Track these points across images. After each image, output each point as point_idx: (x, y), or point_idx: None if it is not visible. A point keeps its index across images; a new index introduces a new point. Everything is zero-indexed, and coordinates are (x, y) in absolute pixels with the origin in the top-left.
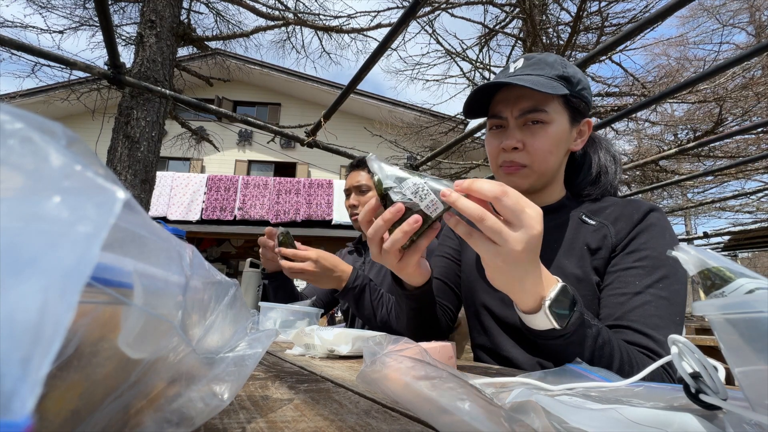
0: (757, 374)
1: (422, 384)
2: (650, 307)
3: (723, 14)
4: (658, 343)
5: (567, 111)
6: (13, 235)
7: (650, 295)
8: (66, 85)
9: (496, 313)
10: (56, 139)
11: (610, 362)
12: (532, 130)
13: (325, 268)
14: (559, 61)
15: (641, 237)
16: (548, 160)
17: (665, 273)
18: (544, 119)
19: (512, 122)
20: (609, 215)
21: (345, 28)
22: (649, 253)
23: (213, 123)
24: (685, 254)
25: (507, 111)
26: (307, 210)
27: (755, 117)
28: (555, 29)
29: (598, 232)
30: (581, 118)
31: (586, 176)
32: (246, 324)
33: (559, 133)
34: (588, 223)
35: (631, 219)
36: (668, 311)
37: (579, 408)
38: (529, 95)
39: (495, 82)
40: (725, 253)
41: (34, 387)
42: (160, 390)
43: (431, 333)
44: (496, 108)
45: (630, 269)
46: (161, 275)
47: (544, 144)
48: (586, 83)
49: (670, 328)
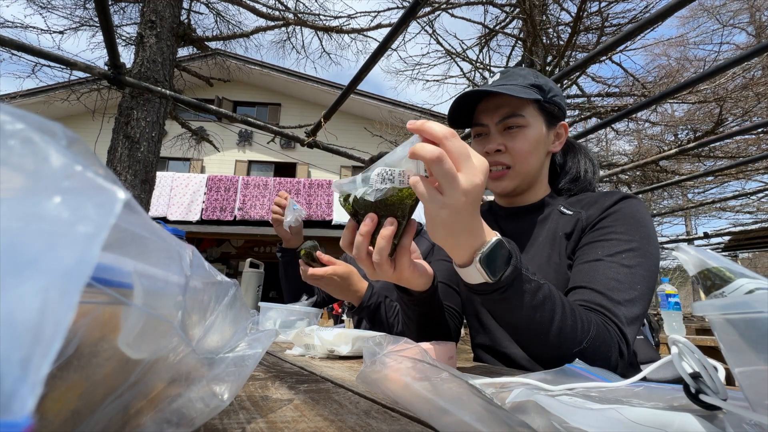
0: (757, 374)
1: (422, 384)
2: (609, 272)
3: (723, 14)
4: (612, 302)
5: (542, 115)
6: (14, 236)
7: (611, 262)
8: (66, 86)
9: None
10: (56, 140)
11: (552, 317)
12: (511, 134)
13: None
14: (531, 72)
15: (609, 218)
16: (529, 160)
17: (630, 247)
18: (522, 123)
19: (493, 129)
20: (585, 204)
21: (345, 29)
22: (615, 229)
23: (213, 123)
24: (685, 254)
25: (488, 119)
26: (307, 210)
27: (755, 117)
28: (555, 29)
29: (573, 218)
30: (557, 121)
31: (567, 176)
32: (246, 324)
33: (537, 136)
34: (566, 214)
35: (603, 205)
36: (628, 278)
37: (579, 408)
38: (506, 103)
39: (473, 90)
40: (725, 254)
41: (34, 387)
42: (160, 390)
43: (442, 338)
44: (478, 117)
45: (594, 242)
46: (161, 275)
47: (523, 146)
48: (558, 91)
49: (628, 293)
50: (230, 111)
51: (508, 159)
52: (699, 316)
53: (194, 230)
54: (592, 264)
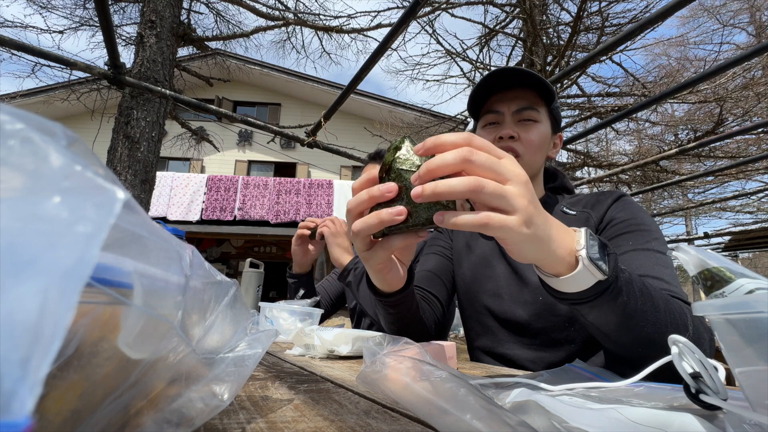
0: (757, 374)
1: (422, 384)
2: (651, 259)
3: (723, 14)
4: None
5: (550, 119)
6: (13, 236)
7: (646, 250)
8: (66, 86)
9: (497, 312)
10: (56, 140)
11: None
12: (525, 126)
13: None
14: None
15: (620, 214)
16: (536, 155)
17: (653, 236)
18: (536, 118)
19: (508, 117)
20: (587, 204)
21: (345, 29)
22: (632, 221)
23: (213, 123)
24: (685, 254)
25: (504, 107)
26: (307, 210)
27: (756, 117)
28: (555, 29)
29: (580, 217)
30: (557, 130)
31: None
32: (246, 324)
33: (546, 135)
34: (569, 214)
35: (606, 203)
36: (666, 262)
37: (579, 408)
38: (523, 96)
39: (503, 68)
40: (726, 254)
41: (34, 387)
42: (159, 390)
43: (417, 335)
44: (492, 105)
45: (619, 236)
46: (161, 275)
47: (535, 138)
48: (558, 104)
49: (672, 274)
50: (230, 111)
51: (520, 147)
52: (699, 316)
53: (194, 230)
54: (632, 254)
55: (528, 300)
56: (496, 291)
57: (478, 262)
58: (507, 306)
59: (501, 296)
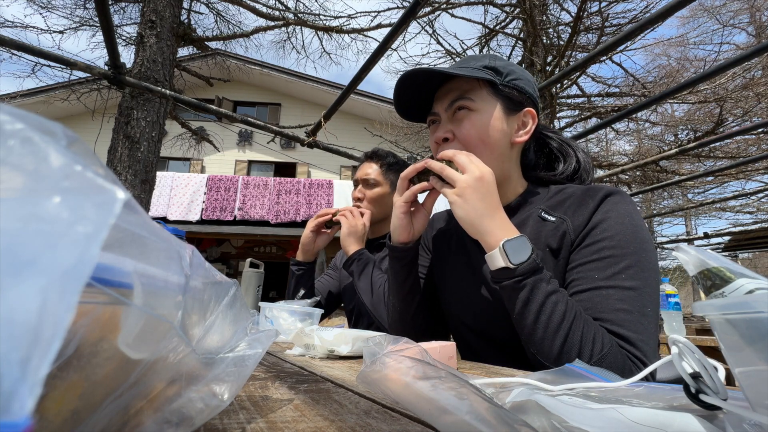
0: (758, 374)
1: (422, 384)
2: (613, 300)
3: (723, 14)
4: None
5: (499, 100)
6: (13, 236)
7: (611, 287)
8: (66, 86)
9: (473, 326)
10: (56, 140)
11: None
12: (458, 118)
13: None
14: (489, 55)
15: (597, 229)
16: (482, 150)
17: (628, 263)
18: (469, 106)
19: (443, 116)
20: (568, 207)
21: (345, 29)
22: (606, 243)
23: (213, 123)
24: (685, 254)
25: (438, 106)
26: (307, 210)
27: (755, 117)
28: (555, 29)
29: (558, 229)
30: (519, 107)
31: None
32: (246, 324)
33: (488, 121)
34: (548, 220)
35: (587, 208)
36: (636, 302)
37: (579, 408)
38: (456, 87)
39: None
40: (726, 254)
41: (34, 388)
42: (159, 390)
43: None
44: (433, 107)
45: (588, 263)
46: (161, 275)
47: (470, 131)
48: (521, 74)
49: (640, 321)
50: (230, 111)
51: (458, 148)
52: (699, 316)
53: (194, 230)
54: (593, 293)
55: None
56: (469, 305)
57: (455, 280)
58: (481, 321)
59: (473, 311)
